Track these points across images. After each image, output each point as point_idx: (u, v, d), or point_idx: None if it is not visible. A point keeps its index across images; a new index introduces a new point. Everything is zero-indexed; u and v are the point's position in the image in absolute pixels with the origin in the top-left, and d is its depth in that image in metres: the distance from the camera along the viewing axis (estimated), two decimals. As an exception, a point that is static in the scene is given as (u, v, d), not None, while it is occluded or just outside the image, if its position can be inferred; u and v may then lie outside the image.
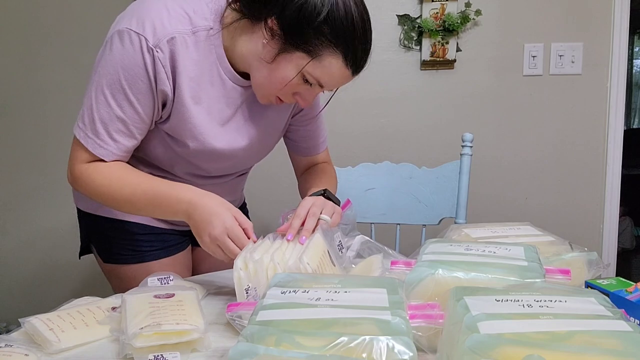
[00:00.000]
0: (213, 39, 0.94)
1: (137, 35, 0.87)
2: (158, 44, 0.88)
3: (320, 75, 0.90)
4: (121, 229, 1.10)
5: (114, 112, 0.91)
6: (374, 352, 0.47)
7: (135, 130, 0.94)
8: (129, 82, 0.90)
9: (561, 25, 2.06)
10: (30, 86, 2.24)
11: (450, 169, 1.52)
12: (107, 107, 0.91)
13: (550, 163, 2.13)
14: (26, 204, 2.31)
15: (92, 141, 0.93)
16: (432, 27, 2.03)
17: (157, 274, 0.90)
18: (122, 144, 0.94)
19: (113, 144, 0.93)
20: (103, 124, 0.92)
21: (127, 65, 0.89)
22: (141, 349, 0.65)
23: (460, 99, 2.13)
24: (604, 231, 2.14)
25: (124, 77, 0.89)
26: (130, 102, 0.91)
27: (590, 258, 0.81)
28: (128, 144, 0.95)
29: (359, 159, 1.71)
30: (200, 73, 0.95)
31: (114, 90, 0.90)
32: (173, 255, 1.15)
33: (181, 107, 0.95)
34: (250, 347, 0.49)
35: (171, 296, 0.78)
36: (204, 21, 0.93)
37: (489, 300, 0.55)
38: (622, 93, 2.07)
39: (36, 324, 0.73)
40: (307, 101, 0.97)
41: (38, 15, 2.21)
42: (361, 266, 0.93)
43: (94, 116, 0.92)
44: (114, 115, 0.91)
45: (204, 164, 1.05)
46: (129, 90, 0.90)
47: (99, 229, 1.13)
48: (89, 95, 0.92)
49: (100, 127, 0.92)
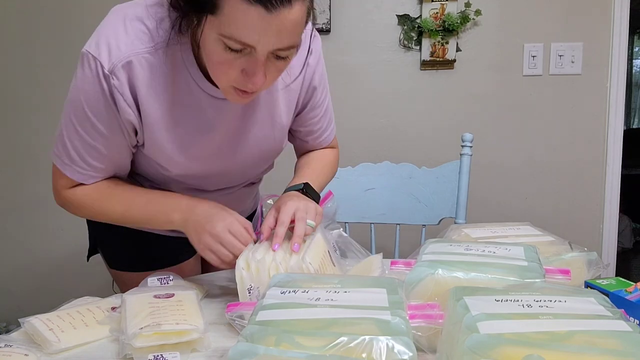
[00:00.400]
0: (180, 51, 0.84)
1: (94, 60, 0.82)
2: (113, 70, 0.81)
3: (234, 31, 0.73)
4: (127, 235, 1.06)
5: (84, 140, 0.88)
6: (373, 352, 0.47)
7: (111, 154, 0.90)
8: (92, 110, 0.85)
9: (561, 25, 2.06)
10: (30, 86, 2.24)
11: (450, 169, 1.52)
12: (77, 135, 0.87)
13: (550, 163, 2.13)
14: (26, 204, 2.31)
15: (69, 168, 0.90)
16: (432, 27, 2.03)
17: (157, 273, 0.90)
18: (99, 167, 0.91)
19: (90, 169, 0.91)
20: (77, 151, 0.89)
21: (87, 93, 0.84)
22: (141, 349, 0.66)
23: (460, 99, 2.13)
24: (603, 231, 2.14)
25: (86, 105, 0.84)
26: (97, 130, 0.86)
27: (590, 258, 0.81)
28: (107, 167, 0.92)
29: (359, 159, 1.71)
30: (169, 92, 0.87)
31: (80, 119, 0.86)
32: (180, 264, 1.12)
33: (152, 134, 0.89)
34: (250, 347, 0.49)
35: (171, 296, 0.78)
36: (167, 33, 0.82)
37: (489, 300, 0.55)
38: (621, 93, 2.07)
39: (36, 324, 0.73)
40: (255, 78, 0.78)
41: (38, 15, 2.21)
42: (361, 266, 0.93)
43: (67, 144, 0.89)
44: (86, 144, 0.88)
45: (196, 182, 1.01)
46: (93, 119, 0.85)
47: (106, 235, 1.11)
48: (61, 121, 0.89)
49: (75, 155, 0.89)
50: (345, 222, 1.59)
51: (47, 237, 2.32)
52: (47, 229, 2.31)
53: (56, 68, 2.21)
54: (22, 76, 2.24)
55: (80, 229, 2.35)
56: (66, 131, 0.88)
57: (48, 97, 2.23)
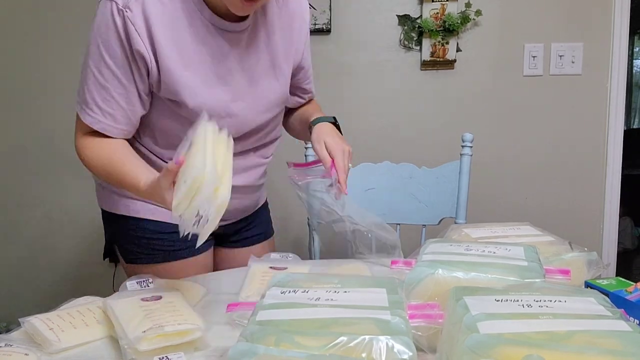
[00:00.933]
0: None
1: (109, 1, 0.89)
2: (127, 4, 0.89)
3: None
4: (145, 228, 1.10)
5: (97, 80, 0.94)
6: (373, 352, 0.47)
7: (120, 98, 0.95)
8: (106, 48, 0.91)
9: (561, 26, 2.06)
10: (31, 85, 2.24)
11: (450, 169, 1.52)
12: (92, 76, 0.94)
13: (550, 163, 2.13)
14: (25, 204, 2.31)
15: (83, 111, 0.97)
16: (433, 27, 2.03)
17: (136, 277, 0.89)
18: (107, 112, 0.95)
19: (99, 112, 0.95)
20: (90, 93, 0.95)
21: (102, 32, 0.91)
22: (146, 352, 0.65)
23: (460, 99, 2.13)
24: (603, 231, 2.14)
25: (101, 44, 0.91)
26: (109, 68, 0.92)
27: (590, 258, 0.81)
28: (115, 113, 0.96)
29: (359, 158, 1.71)
30: (180, 26, 0.93)
31: (95, 59, 0.93)
32: (195, 256, 1.13)
33: (167, 67, 0.94)
34: (250, 346, 0.49)
35: (159, 298, 0.77)
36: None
37: (489, 300, 0.55)
38: (622, 93, 2.07)
39: (36, 323, 0.73)
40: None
41: (37, 15, 2.21)
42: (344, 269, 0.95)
43: (84, 87, 0.95)
44: (98, 84, 0.94)
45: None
46: (106, 56, 0.92)
47: (122, 229, 1.13)
48: (82, 68, 0.96)
49: (88, 97, 0.95)
50: (346, 222, 1.59)
51: (48, 237, 2.32)
52: (47, 228, 2.31)
53: (56, 67, 2.21)
54: (20, 75, 2.24)
55: (80, 229, 2.35)
56: (84, 75, 0.96)
57: (47, 96, 2.23)
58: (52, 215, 2.31)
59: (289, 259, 0.96)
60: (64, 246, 2.31)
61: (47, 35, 2.21)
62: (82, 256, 2.31)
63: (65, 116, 1.40)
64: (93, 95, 0.95)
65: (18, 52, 2.23)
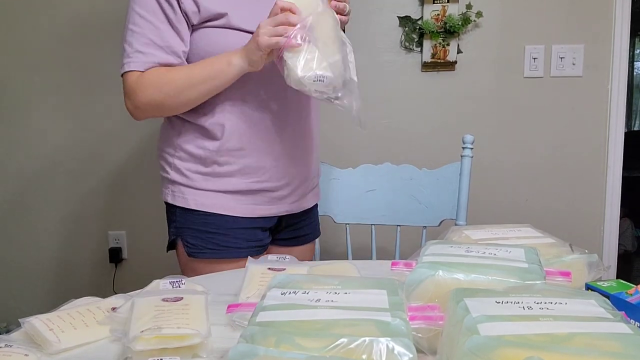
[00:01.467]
0: None
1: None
2: None
3: None
4: (211, 222, 1.16)
5: (133, 31, 1.07)
6: (373, 354, 0.47)
7: (157, 39, 1.07)
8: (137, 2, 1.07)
9: (562, 27, 2.06)
10: (27, 87, 2.25)
11: (451, 171, 1.52)
12: (129, 31, 1.08)
13: (551, 165, 2.13)
14: (26, 204, 2.31)
15: (125, 64, 1.08)
16: (433, 29, 2.03)
17: (170, 277, 0.90)
18: (150, 53, 1.07)
19: (142, 56, 1.07)
20: (129, 44, 1.08)
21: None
22: (141, 352, 0.65)
23: (461, 101, 2.13)
24: (604, 233, 2.14)
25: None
26: (141, 16, 1.06)
27: (590, 260, 0.81)
28: (157, 53, 1.07)
29: (360, 160, 1.71)
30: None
31: (130, 15, 1.08)
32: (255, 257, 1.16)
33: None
34: (250, 348, 0.49)
35: (179, 300, 0.77)
36: None
37: (489, 302, 0.55)
38: (623, 95, 2.07)
39: (36, 324, 0.72)
40: None
41: (37, 15, 2.21)
42: (329, 269, 0.95)
43: (124, 44, 1.09)
44: (134, 33, 1.07)
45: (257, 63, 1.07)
46: (137, 7, 1.07)
47: (188, 222, 1.18)
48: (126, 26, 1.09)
49: (128, 47, 1.08)
50: (346, 224, 1.59)
51: (48, 237, 2.32)
52: (47, 228, 2.31)
53: (54, 68, 2.22)
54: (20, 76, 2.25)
55: (81, 229, 2.35)
56: (124, 35, 1.09)
57: (46, 97, 2.23)
58: (53, 215, 2.31)
59: (286, 260, 0.97)
60: (64, 246, 2.31)
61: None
62: (82, 256, 2.31)
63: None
64: (132, 45, 1.07)
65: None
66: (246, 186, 1.17)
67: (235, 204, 1.18)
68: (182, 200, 1.18)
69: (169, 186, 1.21)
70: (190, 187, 1.17)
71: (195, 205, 1.17)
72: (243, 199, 1.18)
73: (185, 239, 1.19)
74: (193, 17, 1.08)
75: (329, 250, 2.10)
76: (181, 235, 1.20)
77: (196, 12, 1.07)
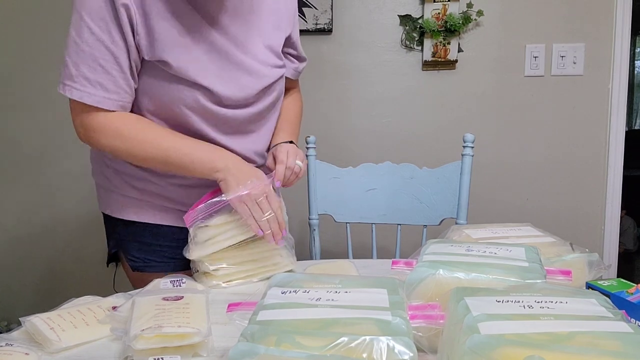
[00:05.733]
0: None
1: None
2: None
3: None
4: (157, 234, 1.07)
5: (80, 48, 0.89)
6: (374, 352, 0.47)
7: (105, 62, 0.90)
8: (86, 10, 0.88)
9: (563, 26, 2.06)
10: (31, 85, 2.25)
11: (452, 170, 1.52)
12: (74, 45, 0.89)
13: (552, 164, 2.13)
14: (26, 203, 2.31)
15: (69, 87, 0.91)
16: (434, 28, 2.03)
17: (170, 276, 0.90)
18: (96, 80, 0.90)
19: (89, 85, 0.90)
20: (75, 65, 0.90)
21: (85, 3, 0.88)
22: (141, 351, 0.65)
23: (461, 100, 2.13)
24: (605, 232, 2.14)
25: (81, 6, 0.88)
26: (90, 30, 0.88)
27: (591, 259, 0.81)
28: (105, 83, 0.91)
29: (360, 159, 1.71)
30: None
31: (77, 26, 0.89)
32: None
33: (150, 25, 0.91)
34: (251, 346, 0.49)
35: (179, 299, 0.78)
36: None
37: (490, 301, 0.55)
38: (623, 94, 2.07)
39: (37, 322, 0.73)
40: None
41: (37, 14, 2.21)
42: (328, 268, 0.94)
43: (67, 62, 0.90)
44: (80, 51, 0.89)
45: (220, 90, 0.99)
46: (87, 18, 0.88)
47: (131, 235, 1.08)
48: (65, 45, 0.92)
49: (73, 69, 0.90)
50: (347, 223, 1.59)
51: (48, 237, 2.32)
52: (48, 228, 2.32)
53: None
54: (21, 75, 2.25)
55: (81, 229, 2.35)
56: (67, 50, 0.90)
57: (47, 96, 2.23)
58: (53, 215, 2.31)
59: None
60: (64, 246, 2.32)
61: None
62: (83, 256, 2.31)
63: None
64: (78, 67, 0.89)
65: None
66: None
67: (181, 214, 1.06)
68: (122, 212, 1.07)
69: (107, 195, 1.10)
70: (131, 198, 1.06)
71: (137, 217, 1.06)
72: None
73: (128, 253, 1.09)
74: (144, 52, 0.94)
75: (329, 250, 2.10)
76: (123, 249, 1.09)
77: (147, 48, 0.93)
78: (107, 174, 1.08)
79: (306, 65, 1.25)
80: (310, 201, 1.56)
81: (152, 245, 1.08)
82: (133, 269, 1.09)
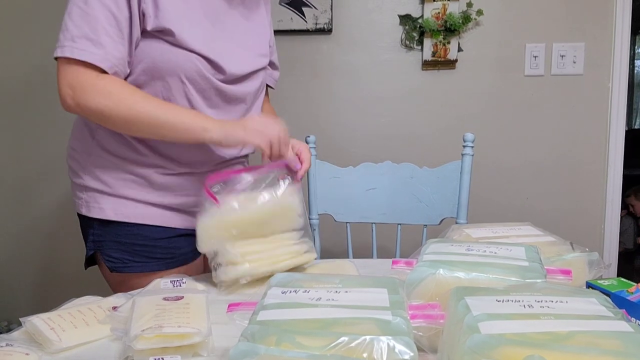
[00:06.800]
0: None
1: None
2: None
3: None
4: (137, 234, 1.05)
5: (84, 11, 0.90)
6: (374, 352, 0.47)
7: (109, 27, 0.91)
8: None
9: (563, 26, 2.06)
10: (34, 83, 2.25)
11: (452, 169, 1.52)
12: (78, 9, 0.90)
13: (552, 163, 2.13)
14: (26, 203, 2.31)
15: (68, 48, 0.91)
16: (434, 27, 2.03)
17: (171, 276, 0.90)
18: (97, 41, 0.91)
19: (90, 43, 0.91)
20: (77, 27, 0.90)
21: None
22: (142, 351, 0.65)
23: (461, 99, 2.13)
24: (605, 232, 2.14)
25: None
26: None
27: (591, 258, 0.81)
28: (106, 44, 0.91)
29: (360, 158, 1.71)
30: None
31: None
32: (185, 265, 1.11)
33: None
34: (251, 346, 0.49)
35: (180, 299, 0.78)
36: None
37: (490, 301, 0.55)
38: (623, 93, 2.07)
39: (37, 323, 0.73)
40: None
41: (38, 12, 2.21)
42: (328, 267, 0.94)
43: (69, 25, 0.91)
44: (85, 14, 0.90)
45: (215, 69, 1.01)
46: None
47: (110, 235, 1.06)
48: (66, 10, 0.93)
49: (75, 31, 0.90)
50: (347, 222, 1.59)
51: (48, 237, 2.32)
52: (48, 228, 2.32)
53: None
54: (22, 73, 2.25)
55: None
56: (70, 15, 0.91)
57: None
58: (53, 214, 2.31)
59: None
60: (64, 246, 2.32)
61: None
62: (83, 256, 2.31)
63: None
64: (81, 28, 0.90)
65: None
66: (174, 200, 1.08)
67: (163, 213, 1.07)
68: (98, 211, 1.05)
69: (82, 194, 1.07)
70: (109, 195, 1.04)
71: (115, 216, 1.04)
72: (169, 212, 1.08)
73: (107, 254, 1.06)
74: (148, 22, 0.95)
75: (329, 249, 2.10)
76: (101, 250, 1.07)
77: (152, 17, 0.95)
78: (86, 166, 1.06)
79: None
80: (310, 201, 1.56)
81: (133, 245, 1.06)
82: (111, 269, 1.07)
